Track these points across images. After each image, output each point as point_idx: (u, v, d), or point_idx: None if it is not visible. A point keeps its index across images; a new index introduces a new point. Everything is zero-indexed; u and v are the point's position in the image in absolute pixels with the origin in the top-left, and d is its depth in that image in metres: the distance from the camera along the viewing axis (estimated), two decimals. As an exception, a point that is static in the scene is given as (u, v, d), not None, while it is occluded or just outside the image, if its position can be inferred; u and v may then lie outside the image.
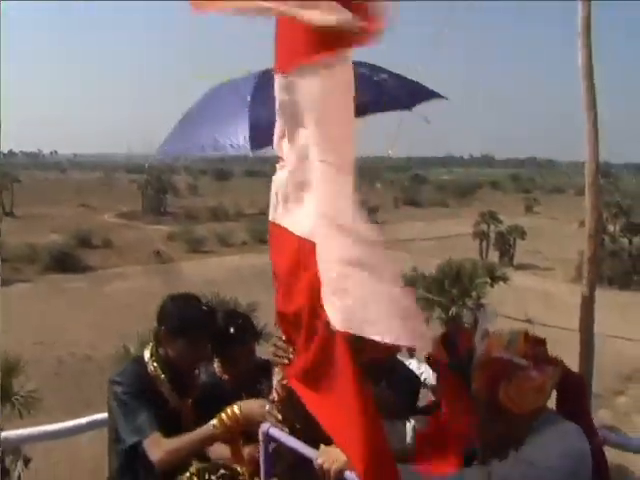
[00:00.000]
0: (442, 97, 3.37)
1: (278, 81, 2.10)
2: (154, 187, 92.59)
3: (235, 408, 2.72)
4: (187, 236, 65.04)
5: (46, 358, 28.90)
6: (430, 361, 3.00)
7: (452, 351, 2.84)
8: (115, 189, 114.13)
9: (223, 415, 2.71)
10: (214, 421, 2.73)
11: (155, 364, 3.05)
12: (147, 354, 3.09)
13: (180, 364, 3.06)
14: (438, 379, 3.01)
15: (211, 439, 2.80)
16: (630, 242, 63.69)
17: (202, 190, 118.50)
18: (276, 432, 2.42)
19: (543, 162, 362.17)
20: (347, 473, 2.03)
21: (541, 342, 2.28)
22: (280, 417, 2.48)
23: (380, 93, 3.01)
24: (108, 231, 67.60)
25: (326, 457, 2.08)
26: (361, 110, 2.79)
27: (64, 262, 51.90)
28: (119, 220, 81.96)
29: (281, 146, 2.15)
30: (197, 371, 3.28)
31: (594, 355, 2.99)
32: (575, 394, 2.38)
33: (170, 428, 2.84)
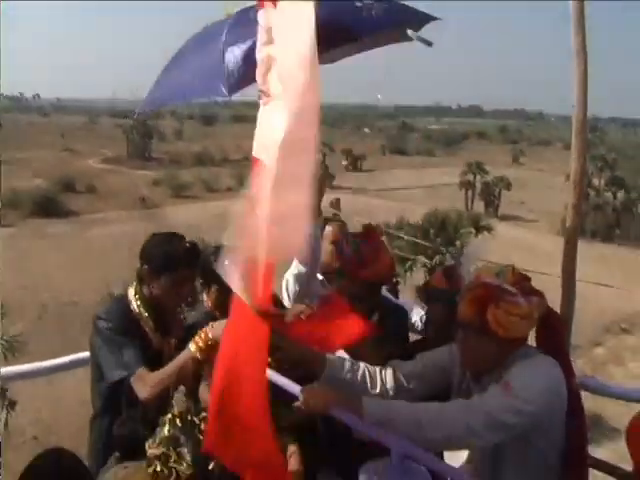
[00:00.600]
0: (436, 19, 3.23)
1: (260, 14, 2.06)
2: (139, 132, 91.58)
3: (207, 327, 2.68)
4: (172, 181, 64.70)
5: (30, 303, 28.94)
6: (428, 289, 3.08)
7: (452, 283, 2.92)
8: (99, 134, 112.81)
9: (196, 337, 2.67)
10: (190, 344, 2.69)
11: (139, 303, 3.04)
12: (131, 293, 3.07)
13: (164, 302, 3.05)
14: None
15: (190, 365, 2.72)
16: (614, 196, 64.13)
17: (188, 135, 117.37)
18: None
19: (532, 114, 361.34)
20: (332, 411, 2.04)
21: (527, 278, 2.34)
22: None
23: (363, 19, 2.90)
24: (92, 176, 67.06)
25: (310, 395, 2.09)
26: (343, 37, 2.71)
27: (48, 207, 51.59)
28: (104, 165, 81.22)
29: (266, 80, 2.06)
30: (180, 310, 3.26)
31: (575, 300, 3.03)
32: (555, 331, 2.41)
33: (152, 368, 2.84)
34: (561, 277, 2.91)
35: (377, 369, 2.51)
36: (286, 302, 3.45)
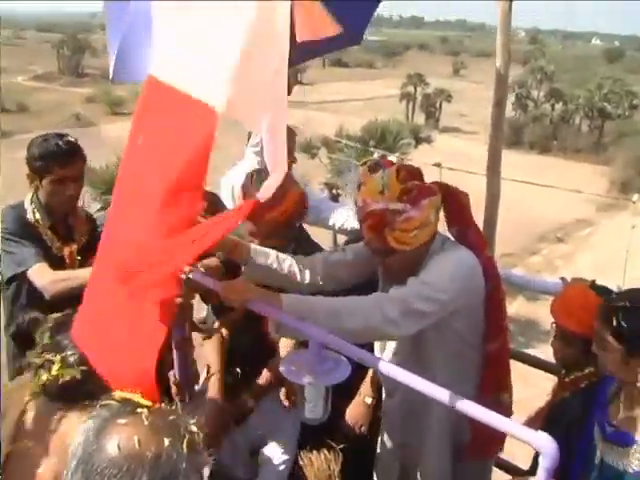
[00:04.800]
0: None
1: None
2: (70, 47, 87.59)
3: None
4: (107, 98, 62.47)
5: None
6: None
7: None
8: (26, 49, 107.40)
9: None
10: None
11: (33, 207, 2.99)
12: (27, 201, 3.02)
13: (52, 206, 2.99)
14: None
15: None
16: (552, 108, 64.90)
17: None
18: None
19: (473, 25, 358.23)
20: (251, 305, 2.06)
21: (415, 174, 2.30)
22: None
23: None
24: (22, 94, 64.21)
25: (229, 290, 2.11)
26: None
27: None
28: (34, 83, 77.71)
29: None
30: (81, 213, 3.21)
31: (499, 200, 3.14)
32: (460, 209, 2.44)
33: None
34: (486, 176, 2.98)
35: (307, 259, 2.54)
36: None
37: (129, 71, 2.63)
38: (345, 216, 3.66)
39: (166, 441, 1.23)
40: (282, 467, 3.00)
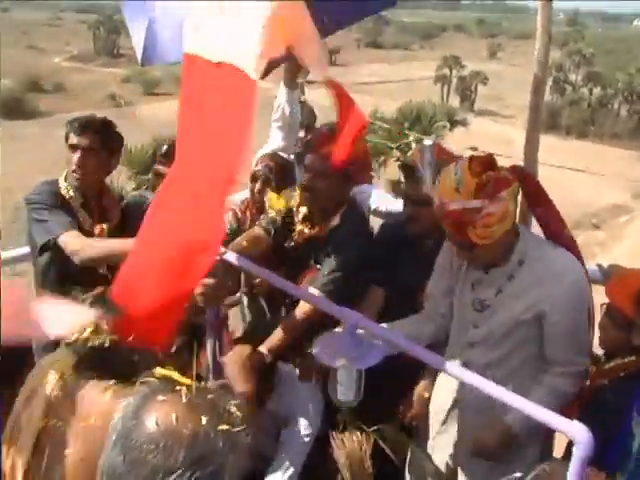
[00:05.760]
0: None
1: None
2: (106, 28, 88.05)
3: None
4: (142, 78, 62.76)
5: (4, 206, 28.59)
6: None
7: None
8: (64, 30, 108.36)
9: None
10: None
11: (66, 184, 3.04)
12: (61, 178, 3.08)
13: (83, 180, 3.02)
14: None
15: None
16: (590, 92, 63.70)
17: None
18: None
19: (512, 7, 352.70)
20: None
21: (487, 163, 2.28)
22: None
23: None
24: (60, 74, 64.95)
25: None
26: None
27: (15, 108, 50.06)
28: (70, 63, 78.35)
29: None
30: (114, 196, 3.26)
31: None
32: (537, 191, 2.51)
33: None
34: (523, 163, 2.93)
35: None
36: None
37: (159, 53, 2.65)
38: (379, 199, 3.64)
39: (204, 419, 1.23)
40: (306, 439, 2.97)
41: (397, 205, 3.47)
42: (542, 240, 2.51)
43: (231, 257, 2.33)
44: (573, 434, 1.53)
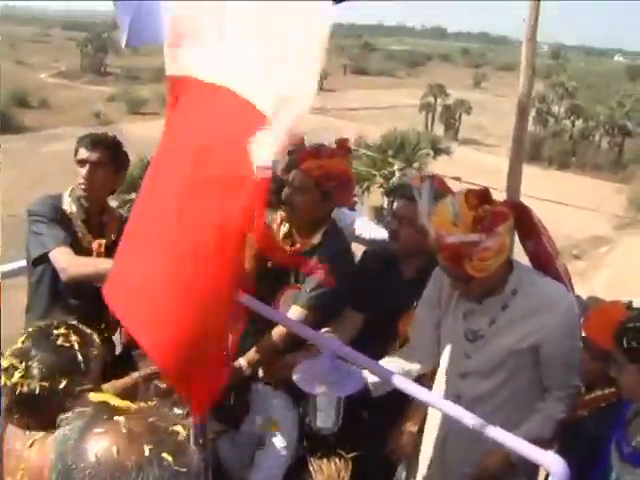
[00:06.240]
0: None
1: None
2: (94, 45, 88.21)
3: None
4: (128, 97, 62.86)
5: (-15, 218, 28.32)
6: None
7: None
8: (52, 46, 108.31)
9: None
10: None
11: (69, 199, 3.07)
12: (66, 193, 3.10)
13: (89, 194, 3.04)
14: None
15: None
16: (573, 124, 64.52)
17: (145, 49, 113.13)
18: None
19: (496, 38, 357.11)
20: None
21: (483, 196, 2.29)
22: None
23: None
24: (45, 90, 64.80)
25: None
26: None
27: (1, 122, 49.82)
28: (57, 80, 78.31)
29: None
30: (113, 210, 3.29)
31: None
32: (530, 224, 2.54)
33: None
34: (505, 194, 2.96)
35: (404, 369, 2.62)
36: None
37: (143, 34, 2.66)
38: (363, 226, 3.66)
39: (146, 449, 1.17)
40: (282, 460, 2.92)
41: (380, 233, 3.51)
42: (531, 269, 2.54)
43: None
44: (548, 465, 1.55)
